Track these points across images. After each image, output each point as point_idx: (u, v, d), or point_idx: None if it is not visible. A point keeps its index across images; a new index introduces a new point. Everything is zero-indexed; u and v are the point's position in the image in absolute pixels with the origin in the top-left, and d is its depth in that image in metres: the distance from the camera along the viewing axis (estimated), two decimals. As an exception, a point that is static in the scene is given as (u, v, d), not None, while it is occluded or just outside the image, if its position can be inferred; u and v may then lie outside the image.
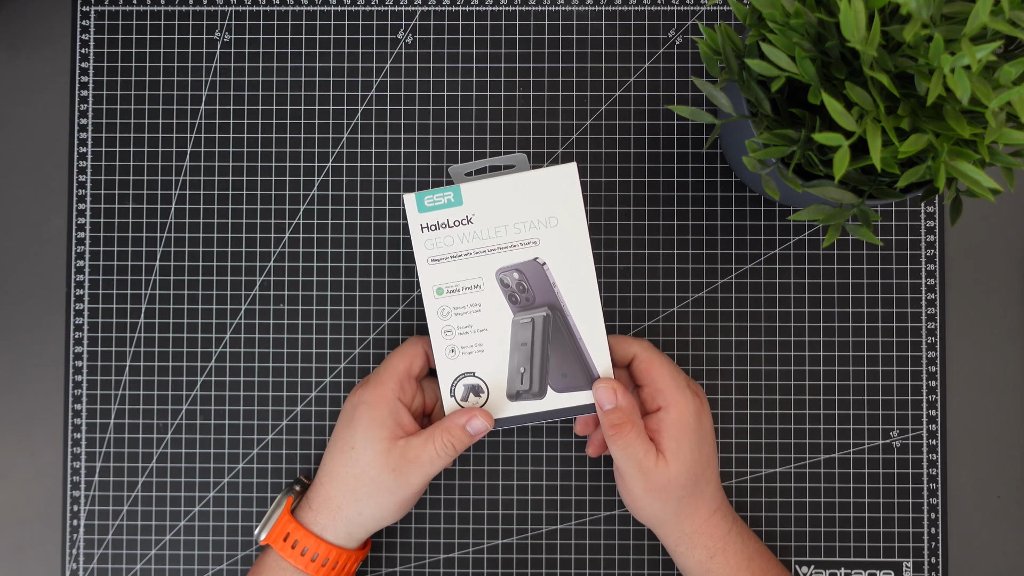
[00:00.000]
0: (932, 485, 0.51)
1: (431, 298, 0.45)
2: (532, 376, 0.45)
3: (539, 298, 0.44)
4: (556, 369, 0.44)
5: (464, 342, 0.45)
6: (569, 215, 0.44)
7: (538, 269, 0.44)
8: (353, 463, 0.43)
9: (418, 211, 0.44)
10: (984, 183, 0.34)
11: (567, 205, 0.44)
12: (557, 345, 0.44)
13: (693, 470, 0.43)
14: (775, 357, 0.51)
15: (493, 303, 0.45)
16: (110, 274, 0.51)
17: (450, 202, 0.44)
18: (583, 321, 0.44)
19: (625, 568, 0.51)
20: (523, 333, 0.45)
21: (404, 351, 0.45)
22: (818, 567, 0.50)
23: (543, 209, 0.44)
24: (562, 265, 0.44)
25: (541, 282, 0.44)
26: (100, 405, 0.51)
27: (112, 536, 0.51)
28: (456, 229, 0.44)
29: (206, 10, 0.52)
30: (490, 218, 0.44)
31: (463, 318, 0.45)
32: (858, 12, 0.32)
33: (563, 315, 0.44)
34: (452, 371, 0.45)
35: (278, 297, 0.51)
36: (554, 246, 0.44)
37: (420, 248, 0.45)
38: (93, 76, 0.52)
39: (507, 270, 0.44)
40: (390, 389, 0.44)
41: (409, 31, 0.52)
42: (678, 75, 0.52)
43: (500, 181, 0.44)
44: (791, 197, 0.44)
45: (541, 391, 0.45)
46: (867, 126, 0.34)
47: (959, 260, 0.52)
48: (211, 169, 0.52)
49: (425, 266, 0.45)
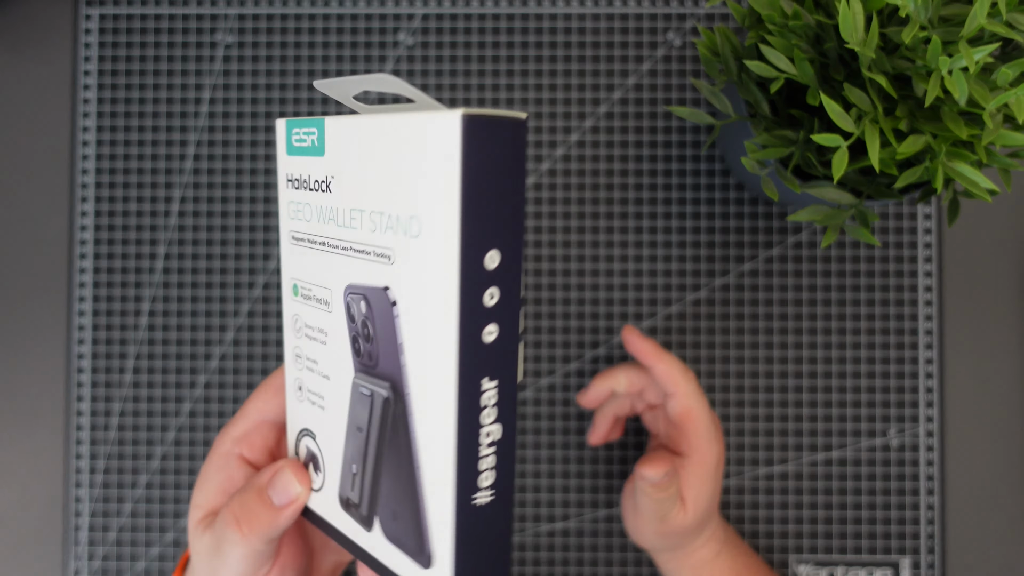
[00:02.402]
0: (930, 483, 0.51)
1: (288, 298, 0.31)
2: (363, 488, 0.28)
3: (383, 362, 0.26)
4: (388, 497, 0.27)
5: (310, 383, 0.30)
6: (434, 224, 0.23)
7: (387, 310, 0.26)
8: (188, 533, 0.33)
9: (287, 151, 0.29)
10: (981, 184, 0.34)
11: (435, 199, 0.23)
12: (393, 460, 0.26)
13: (705, 516, 0.43)
14: (773, 357, 0.51)
15: (338, 341, 0.28)
16: (112, 275, 0.52)
17: (313, 146, 0.28)
18: (428, 442, 0.24)
19: (624, 567, 0.51)
20: (361, 411, 0.28)
21: (264, 387, 0.33)
22: (816, 565, 0.51)
23: (400, 196, 0.24)
24: (416, 316, 0.24)
25: (388, 334, 0.26)
26: (103, 405, 0.51)
27: (115, 534, 0.51)
28: (316, 196, 0.28)
29: (208, 12, 0.52)
30: (347, 190, 0.27)
31: (311, 345, 0.30)
32: (856, 14, 0.32)
33: (404, 414, 0.25)
34: (297, 418, 0.31)
35: (279, 298, 0.52)
36: (410, 275, 0.24)
37: (284, 211, 0.30)
38: (95, 78, 0.52)
39: (356, 291, 0.27)
40: (228, 443, 0.32)
41: (409, 34, 0.52)
42: (677, 77, 0.52)
43: (361, 122, 0.26)
44: (790, 198, 0.44)
45: (368, 518, 0.28)
46: (865, 127, 0.34)
47: (957, 260, 0.52)
48: (213, 170, 0.52)
49: (287, 243, 0.30)
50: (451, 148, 0.21)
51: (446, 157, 0.21)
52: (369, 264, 0.26)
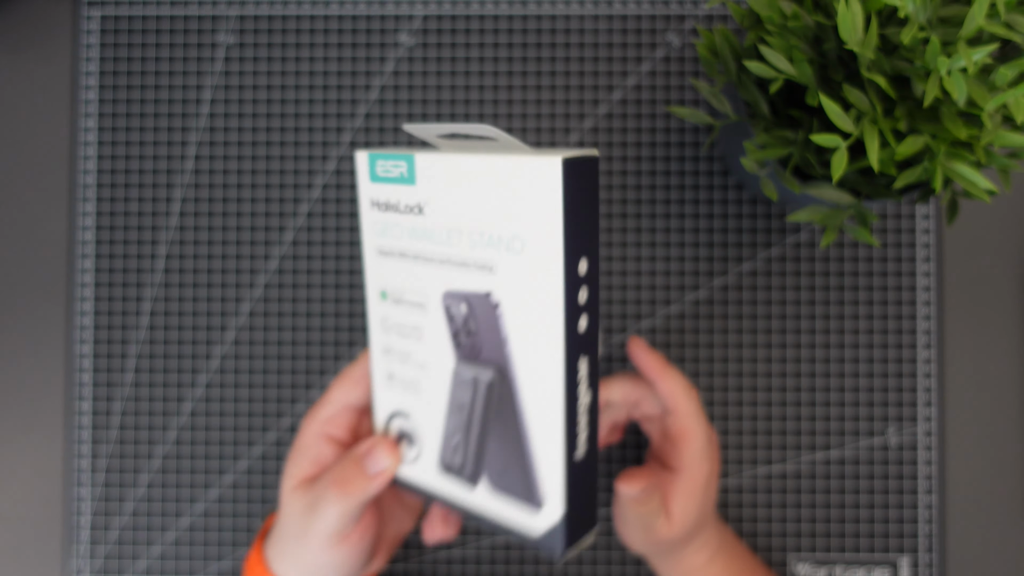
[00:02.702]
0: (929, 483, 0.51)
1: (375, 302, 0.35)
2: (467, 452, 0.33)
3: (486, 351, 0.31)
4: (495, 458, 0.32)
5: (403, 372, 0.34)
6: (539, 242, 0.28)
7: (490, 311, 0.31)
8: (279, 498, 0.38)
9: (370, 179, 0.33)
10: (980, 184, 0.34)
11: (538, 225, 0.28)
12: (501, 427, 0.32)
13: (693, 529, 0.43)
14: (772, 356, 0.51)
15: (435, 335, 0.33)
16: (113, 275, 0.52)
17: (403, 177, 0.32)
18: (538, 411, 0.30)
19: (623, 566, 0.51)
20: (463, 393, 0.32)
21: (344, 378, 0.37)
22: (815, 564, 0.51)
23: (505, 221, 0.29)
24: (519, 316, 0.29)
25: (491, 330, 0.31)
26: (104, 404, 0.51)
27: (117, 533, 0.51)
28: (406, 218, 0.32)
29: (209, 14, 0.52)
30: (443, 214, 0.31)
31: (404, 341, 0.34)
32: (855, 15, 0.32)
33: (510, 390, 0.31)
34: (388, 403, 0.36)
35: (282, 297, 0.52)
36: (513, 283, 0.29)
37: (369, 230, 0.34)
38: (97, 79, 0.52)
39: (455, 296, 0.32)
40: (317, 423, 0.37)
41: (410, 35, 0.52)
42: (677, 77, 0.52)
43: (456, 160, 0.30)
44: (789, 198, 0.44)
45: (474, 476, 0.33)
46: (864, 128, 0.34)
47: (956, 260, 0.52)
48: (214, 170, 0.52)
49: (373, 257, 0.34)
50: (554, 184, 0.26)
51: (550, 191, 0.27)
52: (468, 273, 0.31)
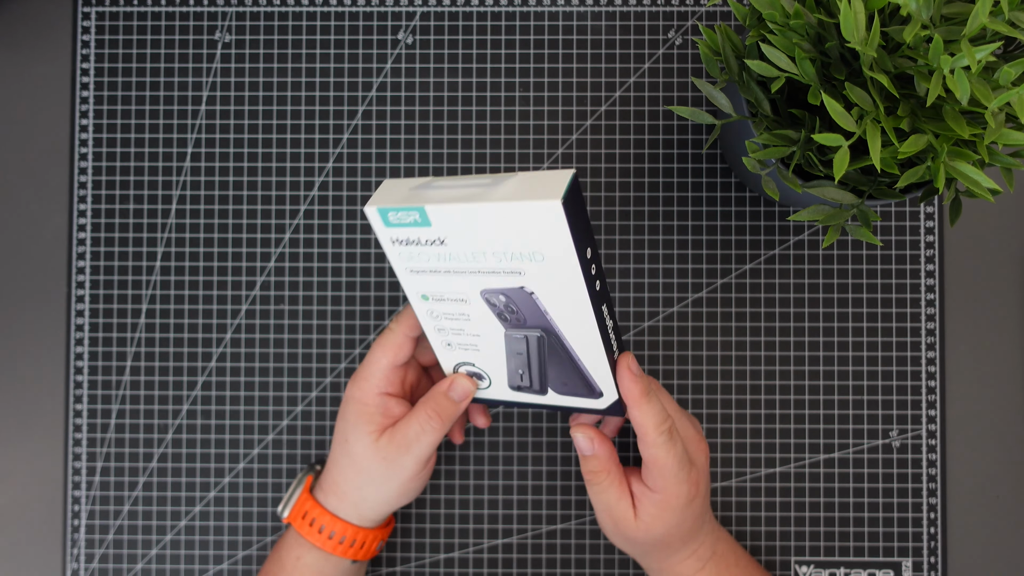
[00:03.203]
0: (931, 485, 0.51)
1: (418, 302, 0.41)
2: (532, 378, 0.42)
3: (530, 320, 0.39)
4: (556, 378, 0.42)
5: (459, 340, 0.42)
6: (557, 253, 0.35)
7: (526, 297, 0.38)
8: (348, 455, 0.44)
9: (384, 225, 0.38)
10: (983, 183, 0.34)
11: (553, 244, 0.35)
12: (555, 360, 0.41)
13: (664, 539, 0.43)
14: (775, 357, 0.51)
15: (481, 316, 0.40)
16: (111, 274, 0.52)
17: (416, 222, 0.37)
18: (582, 346, 0.39)
19: (625, 568, 0.51)
20: (518, 345, 0.41)
21: (386, 344, 0.44)
22: (818, 567, 0.51)
23: (524, 244, 0.36)
24: (553, 298, 0.37)
25: (531, 308, 0.38)
26: (101, 405, 0.51)
27: (113, 536, 0.51)
28: (429, 248, 0.38)
29: (206, 11, 0.52)
30: (464, 244, 0.37)
31: (454, 322, 0.41)
32: (858, 13, 0.32)
33: (559, 339, 0.39)
34: (451, 359, 0.44)
35: (278, 297, 0.51)
36: (542, 280, 0.37)
37: (396, 259, 0.40)
38: (94, 76, 0.52)
39: (492, 292, 0.39)
40: (374, 385, 0.44)
41: (409, 32, 0.52)
42: (678, 76, 0.52)
43: (468, 208, 0.35)
44: (791, 197, 0.44)
45: (542, 389, 0.43)
46: (867, 127, 0.34)
47: (958, 260, 0.52)
48: (211, 169, 0.52)
49: (405, 275, 0.40)
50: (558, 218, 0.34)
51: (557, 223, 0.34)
52: (499, 277, 0.38)
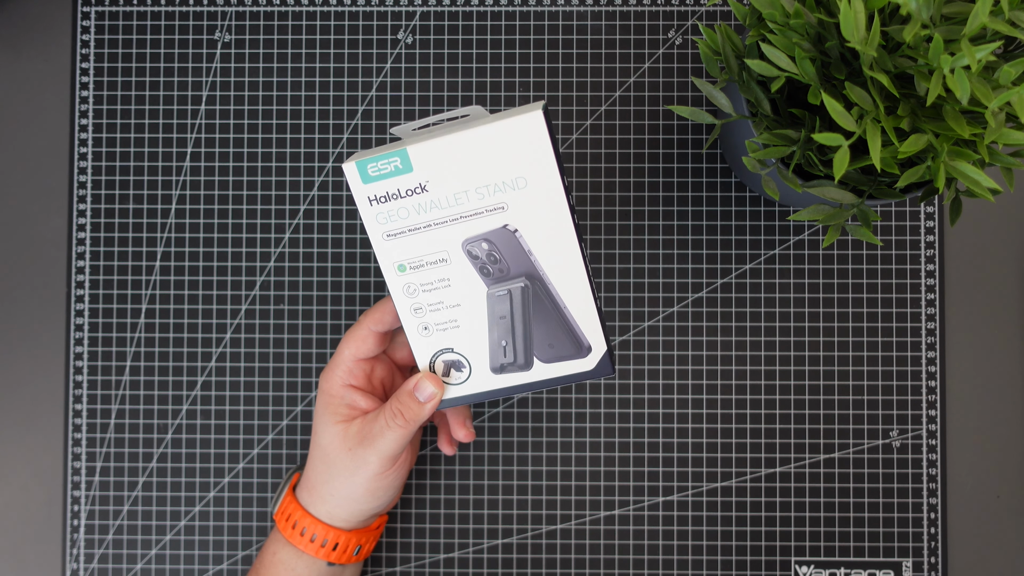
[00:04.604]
0: (932, 485, 0.51)
1: (393, 276, 0.40)
2: (516, 348, 0.41)
3: (514, 268, 0.39)
4: (542, 340, 0.41)
5: (437, 319, 0.40)
6: (539, 172, 0.37)
7: (509, 237, 0.38)
8: (317, 446, 0.44)
9: (362, 182, 0.38)
10: (983, 183, 0.34)
11: (536, 161, 0.37)
12: (540, 315, 0.40)
13: None
14: (775, 357, 0.51)
15: (463, 277, 0.40)
16: (110, 274, 0.52)
17: (397, 169, 0.38)
18: (566, 288, 0.39)
19: (625, 568, 0.51)
20: (501, 306, 0.40)
21: (350, 336, 0.44)
22: (818, 567, 0.50)
23: (507, 169, 0.37)
24: (537, 230, 0.38)
25: (514, 250, 0.39)
26: (100, 405, 0.51)
27: (112, 536, 0.51)
28: (409, 199, 0.38)
29: (206, 10, 0.52)
30: (447, 184, 0.38)
31: (432, 294, 0.40)
32: (858, 12, 0.32)
33: (543, 284, 0.39)
34: (428, 349, 0.41)
35: (278, 297, 0.51)
36: (525, 210, 0.38)
37: (371, 223, 0.39)
38: (93, 76, 0.52)
39: (474, 240, 0.39)
40: (339, 376, 0.43)
41: (409, 31, 0.52)
42: (678, 75, 0.52)
43: (452, 139, 0.37)
44: (791, 197, 0.44)
45: (527, 363, 0.41)
46: (867, 126, 0.34)
47: (959, 260, 0.52)
48: (211, 169, 0.52)
49: (381, 242, 0.39)
50: (541, 128, 0.36)
51: (540, 134, 0.36)
52: (480, 220, 0.38)
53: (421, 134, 0.39)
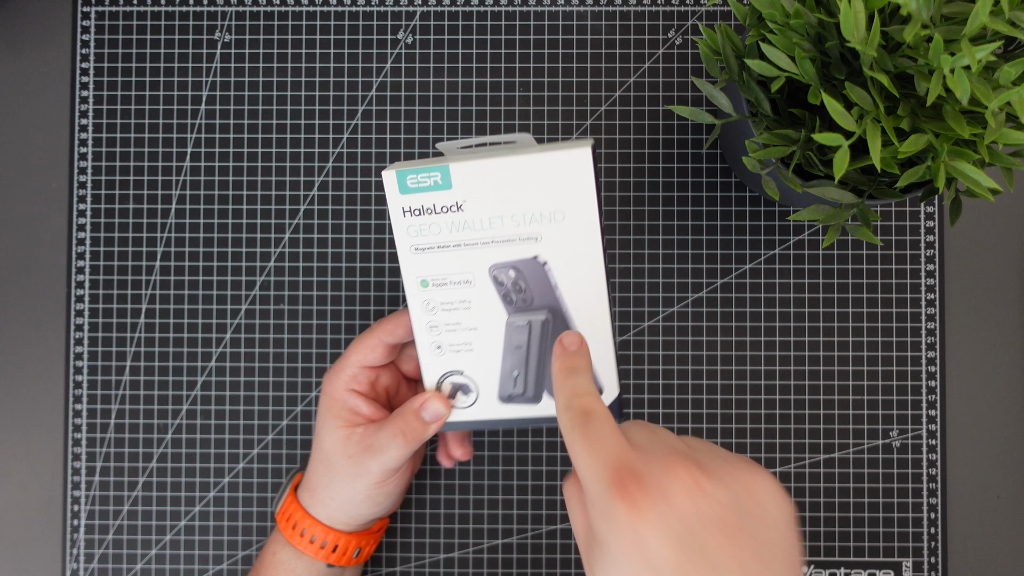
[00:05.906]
0: (932, 485, 0.51)
1: (415, 290, 0.40)
2: (527, 380, 0.40)
3: (538, 300, 0.39)
4: None
5: (452, 339, 0.40)
6: (578, 209, 0.37)
7: (538, 269, 0.38)
8: (319, 448, 0.44)
9: (399, 192, 0.38)
10: (983, 183, 0.34)
11: (577, 197, 0.37)
12: None
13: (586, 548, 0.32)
14: (775, 357, 0.51)
15: (485, 301, 0.39)
16: (110, 274, 0.52)
17: (437, 184, 0.37)
18: (587, 329, 0.39)
19: None
20: (519, 336, 0.40)
21: (360, 342, 0.43)
22: (818, 567, 0.50)
23: (547, 201, 0.37)
24: (567, 266, 0.38)
25: (541, 283, 0.39)
26: (100, 405, 0.51)
27: (112, 536, 0.51)
28: (444, 216, 0.38)
29: (206, 10, 0.52)
30: (484, 206, 0.37)
31: (451, 314, 0.40)
32: (858, 12, 0.32)
33: (564, 321, 0.39)
34: (438, 368, 0.41)
35: (278, 297, 0.51)
36: (558, 245, 0.38)
37: (402, 234, 0.39)
38: (93, 76, 0.52)
39: (502, 267, 0.39)
40: (343, 380, 0.43)
41: (409, 31, 0.52)
42: (678, 75, 0.52)
43: (496, 163, 0.37)
44: (791, 197, 0.44)
45: (536, 396, 0.40)
46: (867, 126, 0.34)
47: (959, 260, 0.52)
48: (211, 169, 0.52)
49: (408, 255, 0.39)
50: (587, 166, 0.36)
51: (585, 171, 0.36)
52: (512, 247, 0.38)
53: (465, 153, 0.38)
